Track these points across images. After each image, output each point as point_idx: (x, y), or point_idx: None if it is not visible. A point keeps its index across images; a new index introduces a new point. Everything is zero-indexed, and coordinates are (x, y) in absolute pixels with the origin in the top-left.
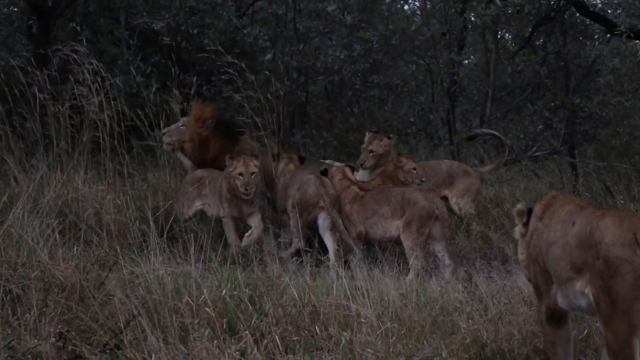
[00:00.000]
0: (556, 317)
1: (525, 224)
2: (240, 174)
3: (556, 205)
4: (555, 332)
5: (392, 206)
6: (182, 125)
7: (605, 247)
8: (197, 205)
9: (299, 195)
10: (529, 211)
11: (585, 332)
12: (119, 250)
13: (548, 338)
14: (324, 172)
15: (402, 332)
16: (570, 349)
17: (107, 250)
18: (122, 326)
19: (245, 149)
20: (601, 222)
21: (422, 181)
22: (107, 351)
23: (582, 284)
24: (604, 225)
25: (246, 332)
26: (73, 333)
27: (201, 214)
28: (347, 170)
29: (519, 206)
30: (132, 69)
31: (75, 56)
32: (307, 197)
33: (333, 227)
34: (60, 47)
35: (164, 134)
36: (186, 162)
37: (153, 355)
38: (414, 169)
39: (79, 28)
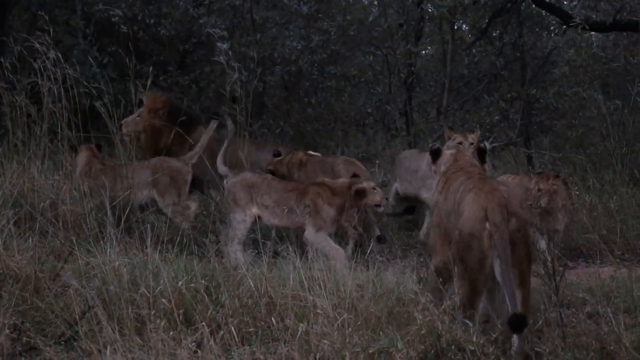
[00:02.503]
0: (445, 273)
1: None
2: None
3: (452, 177)
4: (440, 283)
5: None
6: (137, 116)
7: (462, 221)
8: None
9: None
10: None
11: (540, 323)
12: (74, 241)
13: (434, 285)
14: (277, 154)
15: (359, 323)
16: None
17: (63, 241)
18: (77, 317)
19: (199, 139)
20: (465, 197)
21: None
22: (62, 342)
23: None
24: (466, 200)
25: (202, 323)
26: (28, 324)
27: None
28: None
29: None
30: (89, 58)
31: (37, 45)
32: None
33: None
34: (17, 36)
35: (122, 125)
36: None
37: (108, 347)
38: None
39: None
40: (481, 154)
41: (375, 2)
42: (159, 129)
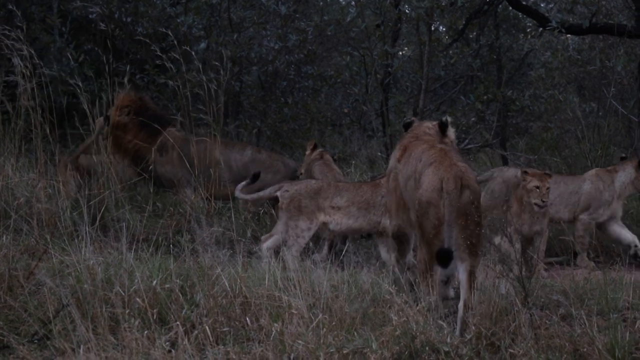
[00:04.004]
0: (400, 234)
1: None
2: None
3: (411, 146)
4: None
5: None
6: (108, 115)
7: (422, 191)
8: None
9: None
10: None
11: (514, 325)
12: (49, 239)
13: (392, 247)
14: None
15: (333, 323)
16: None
17: (37, 239)
18: (51, 316)
19: (170, 140)
20: (426, 170)
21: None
22: (36, 341)
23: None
24: (426, 172)
25: (177, 322)
26: (1, 323)
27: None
28: None
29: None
30: (68, 56)
31: (8, 41)
32: None
33: None
34: None
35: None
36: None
37: (82, 346)
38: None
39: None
40: (442, 126)
41: (353, 3)
42: (124, 127)
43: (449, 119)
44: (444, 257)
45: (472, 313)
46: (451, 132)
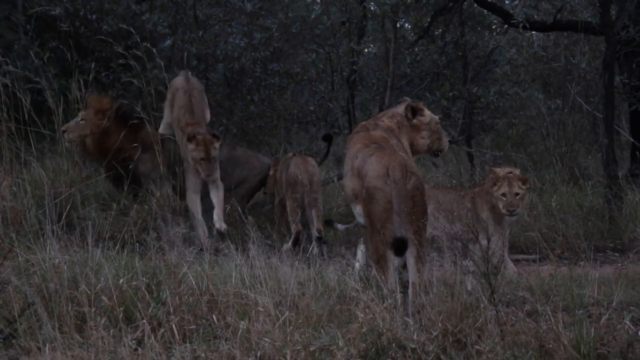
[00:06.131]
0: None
1: None
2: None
3: (350, 145)
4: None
5: None
6: (81, 120)
7: (368, 179)
8: None
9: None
10: None
11: (480, 321)
12: (14, 238)
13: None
14: None
15: (300, 321)
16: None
17: (2, 238)
18: (16, 315)
19: (148, 137)
20: (369, 159)
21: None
22: (1, 340)
23: (360, 207)
24: (370, 162)
25: (143, 320)
26: None
27: None
28: None
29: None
30: (31, 53)
31: None
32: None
33: None
34: None
35: (64, 131)
36: None
37: (48, 344)
38: None
39: None
40: (413, 110)
41: (318, 0)
42: (107, 130)
43: (413, 103)
44: (400, 246)
45: (437, 310)
46: (427, 113)
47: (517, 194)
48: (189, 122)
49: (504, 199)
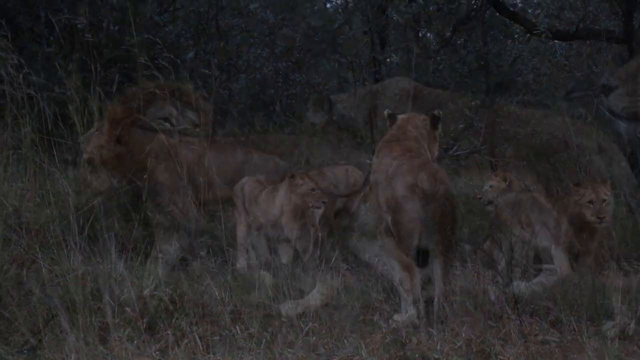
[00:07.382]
0: (390, 232)
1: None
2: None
3: (382, 153)
4: (390, 241)
5: None
6: (96, 131)
7: (397, 189)
8: None
9: None
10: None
11: (503, 331)
12: (38, 249)
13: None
14: None
15: (323, 331)
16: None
17: (26, 249)
18: (41, 326)
19: (160, 145)
20: (398, 170)
21: None
22: (26, 351)
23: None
24: (399, 172)
25: (167, 331)
26: None
27: None
28: None
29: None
30: (56, 65)
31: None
32: None
33: None
34: None
35: (81, 143)
36: None
37: (73, 355)
38: None
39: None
40: (434, 120)
41: (340, 10)
42: (120, 137)
43: (440, 114)
44: (423, 257)
45: (461, 320)
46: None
47: (604, 200)
48: None
49: (591, 206)
